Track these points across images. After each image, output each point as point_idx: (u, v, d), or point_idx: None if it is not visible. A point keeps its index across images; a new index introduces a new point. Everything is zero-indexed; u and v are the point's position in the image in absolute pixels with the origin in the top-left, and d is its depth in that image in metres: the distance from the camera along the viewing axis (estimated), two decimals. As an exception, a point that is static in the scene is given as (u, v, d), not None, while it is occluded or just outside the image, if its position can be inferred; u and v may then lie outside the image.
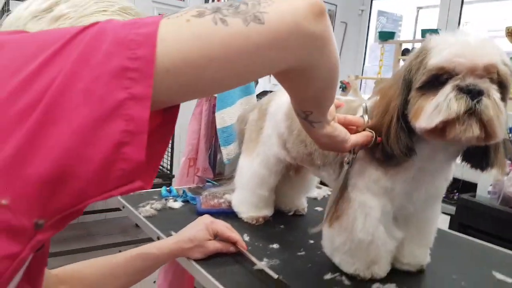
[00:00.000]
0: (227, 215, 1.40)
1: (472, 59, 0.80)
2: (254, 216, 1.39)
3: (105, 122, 0.43)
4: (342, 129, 0.87)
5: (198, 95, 0.59)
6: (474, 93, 0.79)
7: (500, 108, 0.81)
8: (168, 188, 1.63)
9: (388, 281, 1.05)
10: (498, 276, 1.13)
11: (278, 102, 1.31)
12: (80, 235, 3.76)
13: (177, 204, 1.51)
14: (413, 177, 0.98)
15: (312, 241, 1.27)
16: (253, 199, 1.40)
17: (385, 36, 4.11)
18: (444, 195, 1.09)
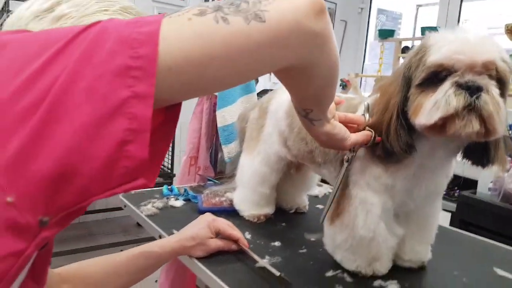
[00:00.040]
0: (228, 214, 1.40)
1: (471, 56, 0.81)
2: (255, 214, 1.40)
3: (108, 121, 0.43)
4: (341, 127, 0.87)
5: (200, 93, 0.59)
6: (473, 89, 0.80)
7: (500, 104, 0.81)
8: (169, 186, 1.63)
9: (389, 278, 1.05)
10: (500, 272, 1.14)
11: (279, 100, 1.32)
12: (82, 235, 3.77)
13: (178, 203, 1.51)
14: (414, 174, 0.98)
15: (313, 239, 1.27)
16: (255, 197, 1.40)
17: (385, 34, 4.10)
18: (444, 192, 1.09)
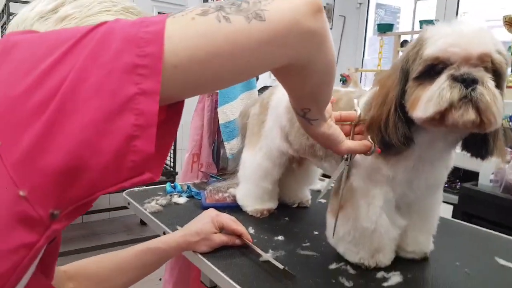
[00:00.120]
0: (232, 209, 1.40)
1: (466, 48, 0.82)
2: (258, 209, 1.40)
3: (117, 116, 0.45)
4: (336, 128, 0.88)
5: (203, 90, 0.61)
6: (468, 82, 0.81)
7: (496, 96, 0.82)
8: (172, 184, 1.64)
9: (392, 269, 1.06)
10: (501, 262, 1.15)
11: (279, 96, 1.33)
12: (85, 235, 3.78)
13: (182, 200, 1.52)
14: (413, 165, 0.99)
15: (316, 232, 1.28)
16: (257, 192, 1.41)
17: (384, 28, 4.11)
18: (446, 185, 1.10)
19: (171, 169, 3.68)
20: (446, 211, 2.36)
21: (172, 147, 3.54)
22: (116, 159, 0.45)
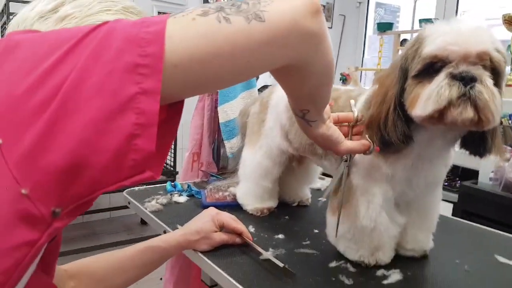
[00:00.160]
0: (232, 208, 1.41)
1: (465, 46, 0.82)
2: (259, 208, 1.41)
3: (118, 115, 0.45)
4: (335, 129, 0.89)
5: (203, 90, 0.62)
6: (467, 80, 0.81)
7: (494, 93, 0.82)
8: (173, 183, 1.64)
9: (392, 267, 1.06)
10: (500, 259, 1.15)
11: (279, 94, 1.33)
12: (86, 234, 3.79)
13: (182, 199, 1.52)
14: (412, 163, 1.00)
15: (316, 231, 1.28)
16: (258, 191, 1.41)
17: (384, 27, 4.10)
18: (446, 183, 1.11)
19: (172, 168, 3.68)
20: (446, 209, 2.37)
21: (173, 147, 3.54)
22: (117, 157, 0.46)
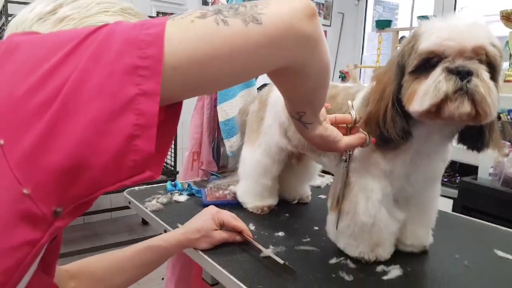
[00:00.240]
0: (232, 206, 1.41)
1: (460, 42, 0.83)
2: (259, 206, 1.41)
3: (117, 116, 0.46)
4: (333, 129, 0.90)
5: (202, 92, 0.62)
6: (463, 74, 0.82)
7: (491, 87, 0.83)
8: (173, 182, 1.64)
9: (392, 263, 1.07)
10: (500, 253, 1.16)
11: (278, 93, 1.33)
12: (87, 235, 3.79)
13: (182, 198, 1.52)
14: (411, 159, 1.00)
15: (316, 228, 1.29)
16: (257, 189, 1.42)
17: (382, 24, 4.11)
18: (446, 179, 1.11)
19: (172, 168, 3.68)
20: (446, 205, 2.37)
21: (173, 146, 3.54)
22: (117, 158, 0.46)
